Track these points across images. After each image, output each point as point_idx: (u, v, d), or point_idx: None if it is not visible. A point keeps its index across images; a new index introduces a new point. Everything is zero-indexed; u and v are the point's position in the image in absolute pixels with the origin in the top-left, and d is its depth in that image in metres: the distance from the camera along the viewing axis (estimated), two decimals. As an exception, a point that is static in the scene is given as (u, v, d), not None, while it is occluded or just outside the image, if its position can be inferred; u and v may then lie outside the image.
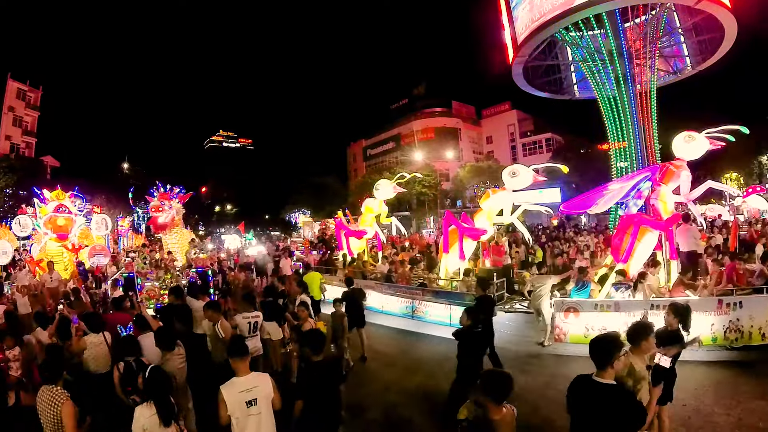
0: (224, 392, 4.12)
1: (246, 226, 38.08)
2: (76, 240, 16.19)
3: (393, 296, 13.29)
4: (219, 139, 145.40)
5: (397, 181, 16.90)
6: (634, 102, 21.92)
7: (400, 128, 69.11)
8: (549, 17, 22.04)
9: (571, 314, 9.39)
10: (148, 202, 14.63)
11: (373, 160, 73.82)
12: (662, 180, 10.53)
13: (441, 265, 13.92)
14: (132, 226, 37.43)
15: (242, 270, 14.62)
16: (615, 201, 10.99)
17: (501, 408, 3.52)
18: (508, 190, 13.26)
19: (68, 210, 16.08)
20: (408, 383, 8.16)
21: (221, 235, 45.26)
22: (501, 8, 26.49)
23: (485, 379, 3.63)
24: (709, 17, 20.87)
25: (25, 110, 49.76)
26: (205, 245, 20.09)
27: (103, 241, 18.65)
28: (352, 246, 16.85)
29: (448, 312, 11.57)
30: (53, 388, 4.16)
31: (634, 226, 10.17)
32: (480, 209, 13.78)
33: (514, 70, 26.43)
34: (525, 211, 13.61)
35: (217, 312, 6.99)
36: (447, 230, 13.70)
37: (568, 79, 28.86)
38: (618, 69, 21.83)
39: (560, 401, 6.06)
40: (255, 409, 4.16)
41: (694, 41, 24.16)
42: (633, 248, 10.18)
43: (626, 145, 22.31)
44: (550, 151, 55.75)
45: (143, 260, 13.34)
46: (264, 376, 4.44)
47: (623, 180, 11.19)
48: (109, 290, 11.73)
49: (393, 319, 12.76)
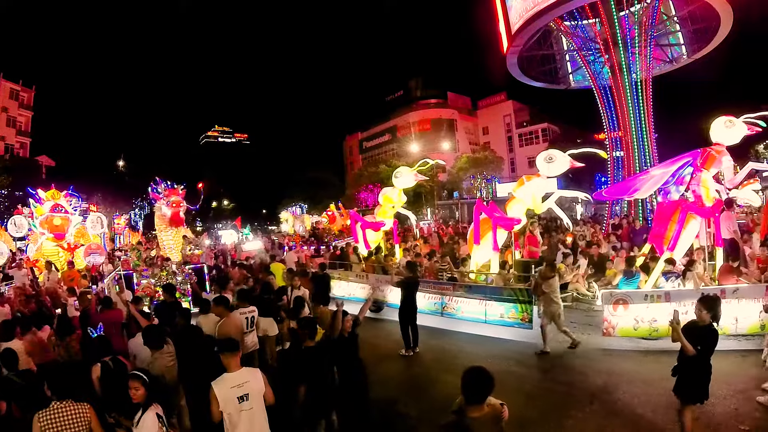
0: (216, 388, 4.11)
1: (243, 222, 38.01)
2: (72, 239, 16.15)
3: (419, 292, 11.57)
4: (215, 135, 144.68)
5: (418, 168, 15.85)
6: (629, 91, 21.90)
7: (395, 120, 69.06)
8: (543, 6, 21.94)
9: (620, 306, 8.81)
10: (155, 199, 14.43)
11: (369, 153, 73.81)
12: (703, 165, 10.08)
13: (471, 257, 13.07)
14: (129, 224, 37.35)
15: (238, 266, 14.58)
16: (657, 186, 10.72)
17: (482, 406, 3.35)
18: (543, 177, 12.46)
19: (64, 209, 16.02)
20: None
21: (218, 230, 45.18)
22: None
23: (463, 377, 3.42)
24: (705, 5, 20.81)
25: (18, 110, 49.37)
26: (202, 241, 19.98)
27: (99, 239, 18.58)
28: (369, 239, 15.82)
29: (482, 308, 10.63)
30: (71, 404, 3.94)
31: (681, 213, 9.87)
32: (513, 197, 12.91)
33: (509, 60, 26.36)
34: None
35: (226, 308, 7.00)
36: (478, 220, 12.77)
37: (564, 68, 28.80)
38: (613, 58, 21.78)
39: (630, 403, 6.09)
40: (247, 405, 4.15)
41: (689, 29, 24.07)
42: (679, 236, 9.90)
43: (622, 135, 22.31)
44: (547, 141, 55.83)
45: (137, 257, 13.31)
46: (255, 371, 4.44)
47: (665, 165, 10.77)
48: (106, 289, 11.67)
49: (421, 316, 10.80)
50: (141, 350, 5.79)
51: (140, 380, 4.04)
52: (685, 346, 4.87)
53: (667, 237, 10.10)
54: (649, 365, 7.65)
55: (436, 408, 5.87)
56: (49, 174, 45.24)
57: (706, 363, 4.93)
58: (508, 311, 10.15)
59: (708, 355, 4.91)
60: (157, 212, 14.44)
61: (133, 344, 6.22)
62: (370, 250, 15.45)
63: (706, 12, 21.36)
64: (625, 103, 22.04)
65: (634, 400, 6.46)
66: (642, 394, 6.61)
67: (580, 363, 8.21)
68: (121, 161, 62.87)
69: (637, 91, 21.82)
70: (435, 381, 7.77)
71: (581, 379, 7.47)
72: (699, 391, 4.97)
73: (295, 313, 7.44)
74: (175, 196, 14.06)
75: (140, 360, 5.78)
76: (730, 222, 11.15)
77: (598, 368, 7.87)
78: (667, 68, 25.55)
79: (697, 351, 4.82)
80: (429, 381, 7.90)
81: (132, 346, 6.25)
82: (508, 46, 25.34)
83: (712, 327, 4.97)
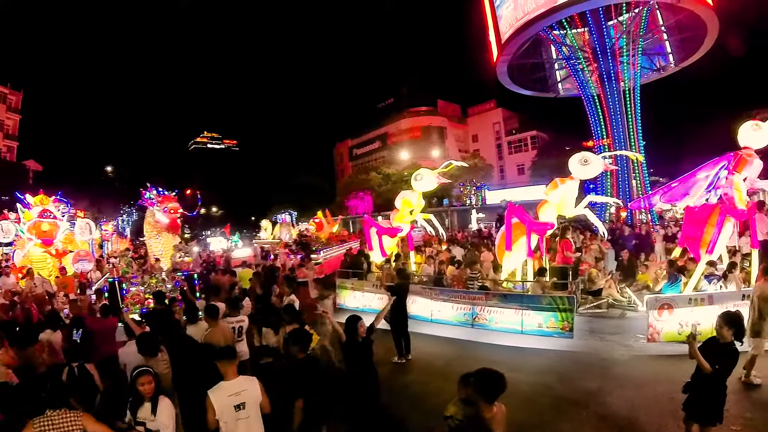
0: (212, 396, 4.09)
1: (232, 229, 37.76)
2: (60, 245, 15.93)
3: (447, 302, 11.37)
4: (204, 141, 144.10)
5: (441, 171, 14.93)
6: (617, 99, 22.16)
7: (386, 127, 69.18)
8: (533, 15, 22.27)
9: (665, 311, 8.73)
10: (147, 205, 14.21)
11: (359, 160, 73.82)
12: (735, 168, 10.18)
13: (503, 264, 12.48)
14: (116, 230, 36.95)
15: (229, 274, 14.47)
16: (703, 190, 10.70)
17: (492, 407, 3.51)
18: (577, 180, 12.06)
19: (53, 215, 15.81)
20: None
21: (207, 237, 44.85)
22: (485, 7, 26.65)
23: (478, 378, 3.60)
24: (692, 15, 21.16)
25: (6, 113, 48.89)
26: (191, 248, 19.84)
27: (88, 246, 18.34)
28: (385, 245, 15.03)
29: (518, 318, 10.12)
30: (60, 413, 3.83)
31: (720, 216, 9.91)
32: (545, 201, 12.45)
33: (499, 68, 26.62)
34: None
35: (214, 318, 6.88)
36: (510, 224, 12.22)
37: (553, 77, 29.15)
38: (601, 67, 22.04)
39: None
40: (244, 413, 4.14)
41: (677, 39, 24.46)
42: (718, 239, 9.93)
43: (611, 142, 22.53)
44: (536, 148, 56.26)
45: (127, 264, 13.15)
46: (252, 380, 4.43)
47: (707, 168, 10.75)
48: (93, 297, 11.52)
49: (447, 328, 10.93)
50: (132, 358, 5.69)
51: (151, 374, 4.19)
52: (701, 363, 4.53)
53: (704, 240, 10.10)
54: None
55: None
56: (37, 179, 44.81)
57: (722, 383, 4.62)
58: (547, 320, 9.81)
59: (726, 375, 4.60)
60: (149, 218, 14.20)
61: (123, 353, 6.14)
62: (386, 257, 14.61)
63: (692, 21, 21.70)
64: (612, 111, 22.31)
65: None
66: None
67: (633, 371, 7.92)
68: (110, 167, 62.30)
69: (623, 100, 22.09)
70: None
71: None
72: (712, 412, 4.64)
73: (295, 319, 7.37)
74: (172, 202, 13.90)
75: (130, 367, 5.66)
76: (762, 224, 11.30)
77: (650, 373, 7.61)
78: (655, 77, 25.89)
79: (714, 370, 4.49)
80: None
81: (122, 354, 6.15)
82: (498, 54, 25.60)
83: (733, 346, 4.61)
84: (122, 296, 11.08)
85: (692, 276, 10.00)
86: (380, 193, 52.20)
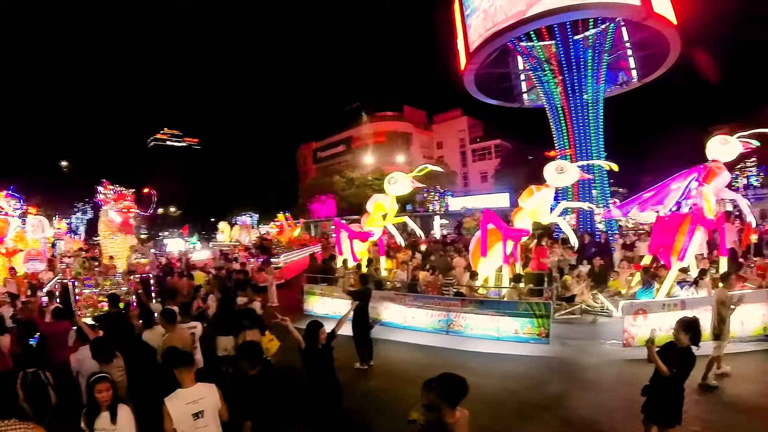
0: (169, 405, 3.91)
1: (190, 230, 36.80)
2: (10, 244, 15.10)
3: (422, 309, 11.29)
4: (163, 138, 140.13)
5: (415, 174, 14.80)
6: (581, 111, 22.62)
7: (351, 131, 69.35)
8: (502, 26, 22.52)
9: (640, 316, 9.04)
10: (101, 203, 13.54)
11: (323, 163, 73.69)
12: (705, 180, 10.72)
13: (478, 271, 12.43)
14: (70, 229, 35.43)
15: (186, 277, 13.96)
16: (675, 200, 11.26)
17: (455, 411, 3.53)
18: (552, 188, 12.45)
19: (4, 211, 15.02)
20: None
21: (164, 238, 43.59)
22: (455, 16, 26.86)
23: (441, 383, 3.60)
24: (656, 33, 21.86)
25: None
26: (148, 250, 19.11)
27: (39, 245, 17.42)
28: (356, 250, 14.82)
29: (495, 324, 10.19)
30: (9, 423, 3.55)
31: (691, 225, 10.36)
32: (520, 208, 12.73)
33: (466, 77, 26.80)
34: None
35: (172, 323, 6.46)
36: (485, 231, 12.28)
37: (518, 87, 29.57)
38: (566, 79, 22.46)
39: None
40: (202, 422, 3.98)
41: (641, 55, 25.26)
42: (688, 247, 10.43)
43: (573, 153, 22.94)
44: (499, 157, 57.29)
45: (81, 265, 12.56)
46: (210, 387, 4.26)
47: (678, 180, 11.29)
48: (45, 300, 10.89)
49: (422, 335, 10.86)
50: (85, 364, 5.43)
51: (109, 381, 4.02)
52: (659, 366, 4.73)
53: (675, 248, 10.57)
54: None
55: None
56: (-14, 174, 42.66)
57: (680, 386, 4.83)
58: (523, 326, 9.94)
59: (683, 378, 4.82)
60: (103, 217, 13.59)
61: (75, 358, 5.81)
62: (358, 262, 14.39)
63: (656, 39, 22.41)
64: (576, 123, 22.78)
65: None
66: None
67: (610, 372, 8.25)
68: (65, 162, 59.96)
69: (586, 112, 22.58)
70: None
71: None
72: (670, 414, 4.84)
73: (255, 325, 7.04)
74: (125, 201, 13.33)
75: (83, 374, 5.36)
76: (730, 233, 12.07)
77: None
78: (618, 90, 26.60)
79: (672, 373, 4.71)
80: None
81: (75, 360, 5.81)
82: (466, 63, 25.78)
83: (690, 350, 4.84)
84: (74, 299, 10.54)
85: (664, 282, 10.38)
86: (344, 197, 52.05)
